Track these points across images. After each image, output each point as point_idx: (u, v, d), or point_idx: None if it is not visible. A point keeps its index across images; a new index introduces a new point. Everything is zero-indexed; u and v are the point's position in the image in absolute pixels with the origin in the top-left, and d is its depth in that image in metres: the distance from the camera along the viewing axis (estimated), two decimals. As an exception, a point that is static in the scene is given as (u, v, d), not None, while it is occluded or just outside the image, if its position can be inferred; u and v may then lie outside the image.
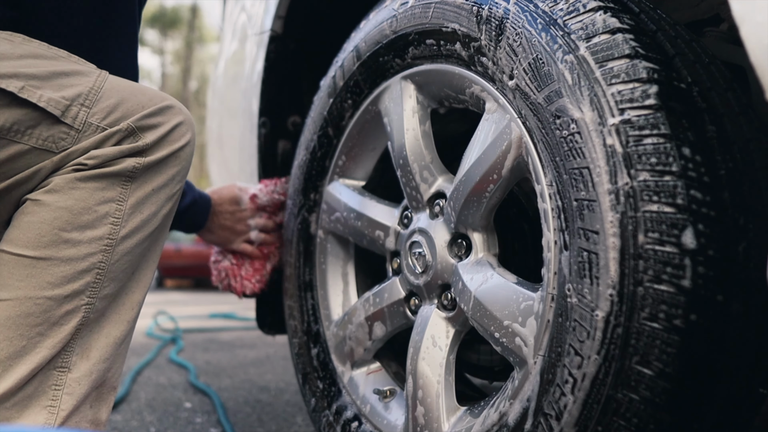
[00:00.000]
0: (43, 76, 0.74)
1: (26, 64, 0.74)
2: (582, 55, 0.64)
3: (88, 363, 0.78)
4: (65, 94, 0.75)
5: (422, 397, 0.84)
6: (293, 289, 1.17)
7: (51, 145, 0.74)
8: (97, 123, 0.76)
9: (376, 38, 0.96)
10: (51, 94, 0.74)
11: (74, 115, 0.75)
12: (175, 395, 1.85)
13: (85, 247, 0.75)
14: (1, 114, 0.72)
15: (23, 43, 0.76)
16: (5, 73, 0.72)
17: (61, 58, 0.78)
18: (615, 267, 0.59)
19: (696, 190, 0.58)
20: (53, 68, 0.75)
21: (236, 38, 1.58)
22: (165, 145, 0.79)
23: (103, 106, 0.76)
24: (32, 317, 0.73)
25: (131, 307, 0.82)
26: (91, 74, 0.78)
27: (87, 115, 0.75)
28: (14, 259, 0.74)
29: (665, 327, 0.57)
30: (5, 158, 0.73)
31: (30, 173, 0.74)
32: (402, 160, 0.93)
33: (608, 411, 0.59)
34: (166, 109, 0.80)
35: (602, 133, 0.61)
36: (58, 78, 0.75)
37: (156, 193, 0.80)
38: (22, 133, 0.73)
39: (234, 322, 4.32)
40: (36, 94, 0.73)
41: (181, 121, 0.81)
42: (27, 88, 0.72)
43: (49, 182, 0.75)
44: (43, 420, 0.75)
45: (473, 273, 0.80)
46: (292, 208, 1.17)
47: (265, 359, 2.64)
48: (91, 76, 0.78)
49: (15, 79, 0.72)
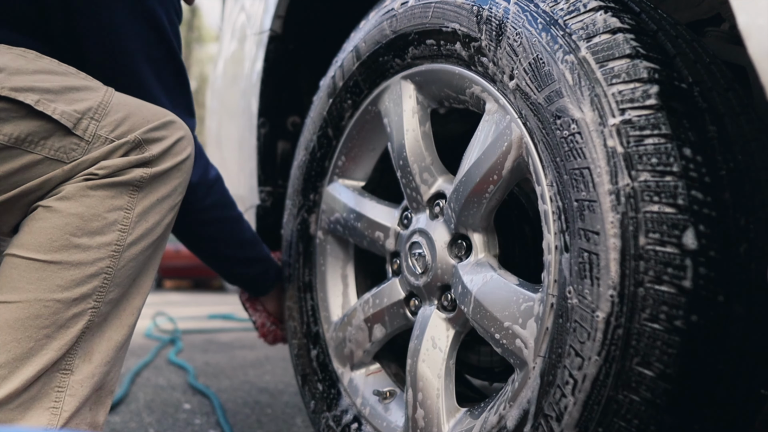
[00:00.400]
0: (57, 90, 0.78)
1: (41, 79, 0.78)
2: (583, 55, 0.64)
3: (90, 366, 0.80)
4: (77, 108, 0.78)
5: (422, 399, 0.84)
6: (292, 290, 1.17)
7: (62, 156, 0.78)
8: (106, 135, 0.80)
9: (376, 38, 0.95)
10: (64, 108, 0.77)
11: (85, 127, 0.79)
12: (174, 396, 1.84)
13: (94, 252, 0.78)
14: (17, 125, 0.75)
15: (36, 59, 0.81)
16: (22, 87, 0.76)
17: (71, 75, 0.82)
18: (616, 268, 0.58)
19: (697, 191, 0.57)
20: (65, 83, 0.79)
21: (235, 38, 1.58)
22: (169, 157, 0.83)
23: (111, 119, 0.80)
24: (41, 319, 0.75)
25: (132, 312, 0.85)
26: (99, 89, 0.82)
27: (96, 128, 0.79)
28: (25, 262, 0.76)
29: (666, 328, 0.56)
30: (19, 167, 0.76)
31: (41, 182, 0.78)
32: (402, 160, 0.93)
33: (609, 412, 0.59)
34: (169, 124, 0.84)
35: (603, 133, 0.60)
36: (70, 92, 0.79)
37: (160, 202, 0.84)
38: (36, 144, 0.77)
39: (233, 323, 4.32)
40: (50, 107, 0.77)
41: (182, 135, 0.85)
42: (42, 101, 0.76)
43: (61, 190, 0.78)
44: (46, 421, 0.76)
45: (473, 274, 0.80)
46: (292, 209, 1.17)
47: (264, 360, 2.64)
48: (100, 91, 0.82)
49: (31, 92, 0.76)
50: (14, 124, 0.75)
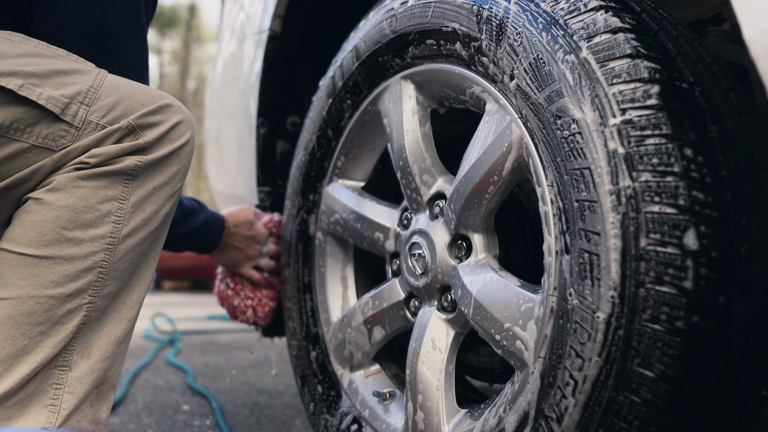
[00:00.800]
0: (43, 74, 0.74)
1: (25, 63, 0.74)
2: (583, 54, 0.63)
3: (89, 362, 0.78)
4: (65, 92, 0.75)
5: (422, 401, 0.84)
6: (292, 291, 1.16)
7: (51, 143, 0.74)
8: (97, 121, 0.76)
9: (376, 38, 0.95)
10: (50, 92, 0.74)
11: (74, 113, 0.75)
12: (173, 398, 1.84)
13: (88, 245, 0.75)
14: (0, 112, 0.72)
15: (22, 42, 0.77)
16: (4, 72, 0.72)
17: (60, 57, 0.78)
18: (616, 268, 0.58)
19: (698, 191, 0.57)
20: (52, 66, 0.76)
21: (235, 38, 1.57)
22: (165, 143, 0.80)
23: (102, 104, 0.77)
24: (34, 316, 0.73)
25: (131, 305, 0.82)
26: (90, 73, 0.78)
27: (87, 113, 0.75)
28: (16, 257, 0.74)
29: (667, 329, 0.56)
30: (5, 157, 0.73)
31: (30, 172, 0.74)
32: (402, 161, 0.93)
33: (609, 413, 0.59)
34: (166, 107, 0.80)
35: (603, 133, 0.60)
36: (58, 76, 0.75)
37: (157, 191, 0.80)
38: (22, 131, 0.73)
39: (232, 324, 4.31)
40: (35, 92, 0.73)
41: (180, 119, 0.82)
42: (26, 86, 0.73)
43: (51, 181, 0.75)
44: (44, 419, 0.75)
45: (473, 275, 0.79)
46: (291, 210, 1.17)
47: (263, 361, 2.64)
48: (90, 74, 0.78)
49: (14, 77, 0.72)
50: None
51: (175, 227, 1.11)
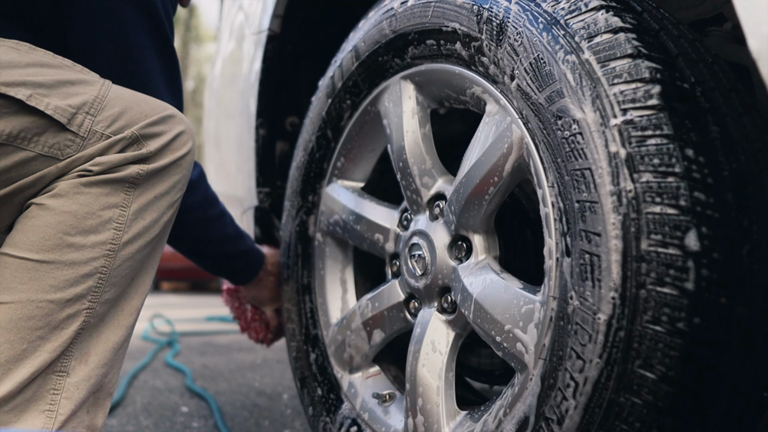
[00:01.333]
0: (50, 84, 0.76)
1: (33, 73, 0.76)
2: (584, 54, 0.63)
3: (86, 368, 0.78)
4: (71, 102, 0.76)
5: (422, 404, 0.83)
6: (291, 293, 1.16)
7: (56, 152, 0.76)
8: (102, 131, 0.77)
9: (375, 38, 0.95)
10: (57, 102, 0.75)
11: (80, 122, 0.76)
12: (171, 399, 1.84)
13: (89, 251, 0.76)
14: (8, 121, 0.73)
15: (29, 51, 0.78)
16: (14, 81, 0.74)
17: (66, 68, 0.80)
18: (617, 269, 0.58)
19: (699, 192, 0.57)
20: (59, 77, 0.77)
21: (233, 38, 1.57)
22: (167, 153, 0.81)
23: (107, 114, 0.78)
24: (34, 320, 0.74)
25: (130, 312, 0.83)
26: (95, 83, 0.80)
27: (92, 123, 0.77)
28: (17, 262, 0.74)
29: (668, 330, 0.56)
30: (11, 164, 0.75)
31: (35, 179, 0.76)
32: (402, 162, 0.92)
33: (610, 415, 0.59)
34: (168, 118, 0.82)
35: (604, 134, 0.60)
36: (64, 86, 0.77)
37: (158, 200, 0.82)
38: (29, 140, 0.74)
39: (231, 326, 4.30)
40: (43, 102, 0.74)
41: (182, 130, 0.83)
42: (35, 96, 0.74)
43: (54, 187, 0.76)
44: (41, 424, 0.75)
45: (474, 276, 0.79)
46: (290, 210, 1.16)
47: (262, 363, 2.63)
48: (96, 85, 0.80)
49: (23, 87, 0.74)
50: (6, 120, 0.73)
51: (226, 242, 1.14)
